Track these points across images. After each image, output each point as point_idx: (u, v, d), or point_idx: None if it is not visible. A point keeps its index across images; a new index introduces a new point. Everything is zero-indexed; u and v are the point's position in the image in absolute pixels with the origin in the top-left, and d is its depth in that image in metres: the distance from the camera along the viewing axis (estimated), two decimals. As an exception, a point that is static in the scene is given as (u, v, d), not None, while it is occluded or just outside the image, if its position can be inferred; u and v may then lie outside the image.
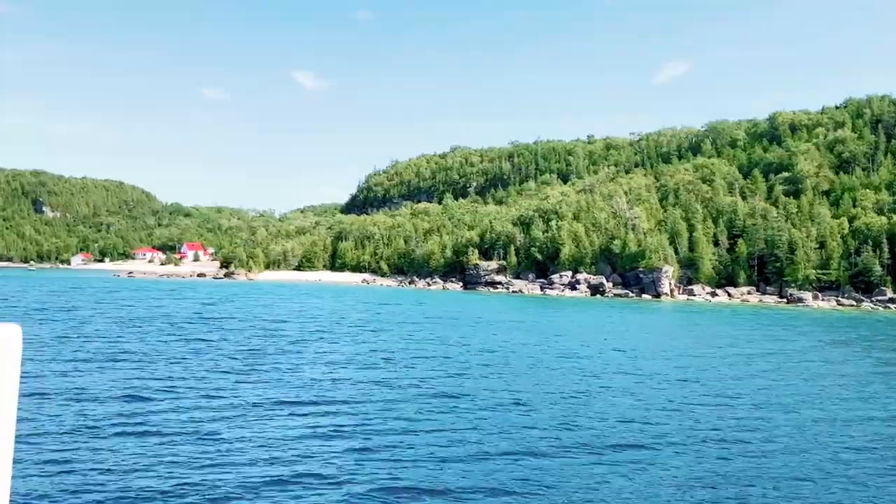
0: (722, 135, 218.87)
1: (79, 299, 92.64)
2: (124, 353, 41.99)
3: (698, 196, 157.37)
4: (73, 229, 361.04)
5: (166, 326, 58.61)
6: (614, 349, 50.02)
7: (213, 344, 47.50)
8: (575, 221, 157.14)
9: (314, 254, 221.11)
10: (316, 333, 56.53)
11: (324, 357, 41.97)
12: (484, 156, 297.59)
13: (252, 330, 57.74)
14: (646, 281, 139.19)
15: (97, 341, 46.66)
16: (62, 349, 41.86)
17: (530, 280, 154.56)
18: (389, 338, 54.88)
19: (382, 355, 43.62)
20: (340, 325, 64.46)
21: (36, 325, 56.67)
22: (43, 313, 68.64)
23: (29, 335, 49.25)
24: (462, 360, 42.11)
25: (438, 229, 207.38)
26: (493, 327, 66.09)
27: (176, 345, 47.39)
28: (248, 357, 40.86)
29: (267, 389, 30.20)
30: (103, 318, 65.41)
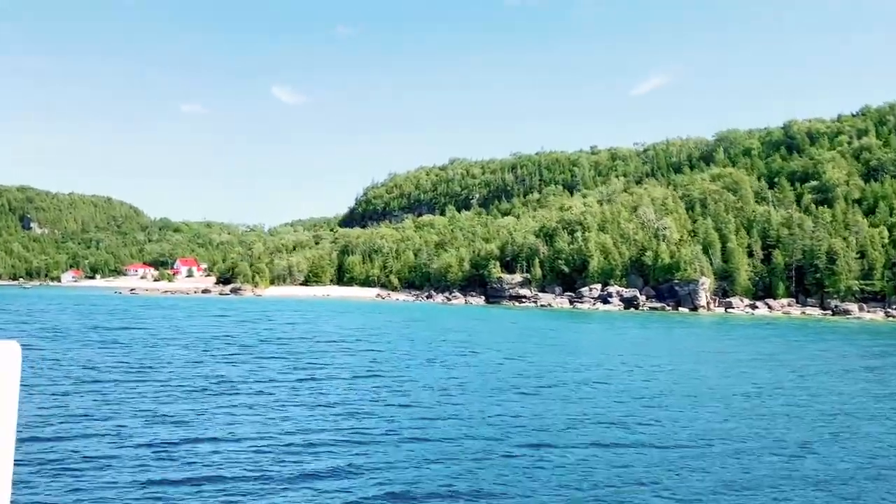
0: (734, 144, 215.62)
1: (123, 320, 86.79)
2: (246, 381, 37.75)
3: (727, 206, 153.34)
4: (62, 246, 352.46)
5: (246, 350, 54.06)
6: (706, 376, 45.44)
7: (331, 372, 42.78)
8: (600, 233, 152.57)
9: (321, 268, 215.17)
10: (429, 358, 51.80)
11: (501, 392, 37.32)
12: (485, 167, 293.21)
13: (348, 354, 52.98)
14: (681, 293, 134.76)
15: (210, 368, 42.07)
16: (193, 381, 37.44)
17: (557, 294, 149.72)
18: (507, 362, 50.22)
19: (537, 383, 39.14)
20: (444, 346, 59.73)
21: (127, 351, 51.40)
22: (105, 334, 63.12)
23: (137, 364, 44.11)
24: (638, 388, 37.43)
25: (450, 242, 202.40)
26: (588, 347, 61.42)
27: (290, 370, 42.97)
28: (407, 389, 36.26)
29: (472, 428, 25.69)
30: (179, 342, 60.29)
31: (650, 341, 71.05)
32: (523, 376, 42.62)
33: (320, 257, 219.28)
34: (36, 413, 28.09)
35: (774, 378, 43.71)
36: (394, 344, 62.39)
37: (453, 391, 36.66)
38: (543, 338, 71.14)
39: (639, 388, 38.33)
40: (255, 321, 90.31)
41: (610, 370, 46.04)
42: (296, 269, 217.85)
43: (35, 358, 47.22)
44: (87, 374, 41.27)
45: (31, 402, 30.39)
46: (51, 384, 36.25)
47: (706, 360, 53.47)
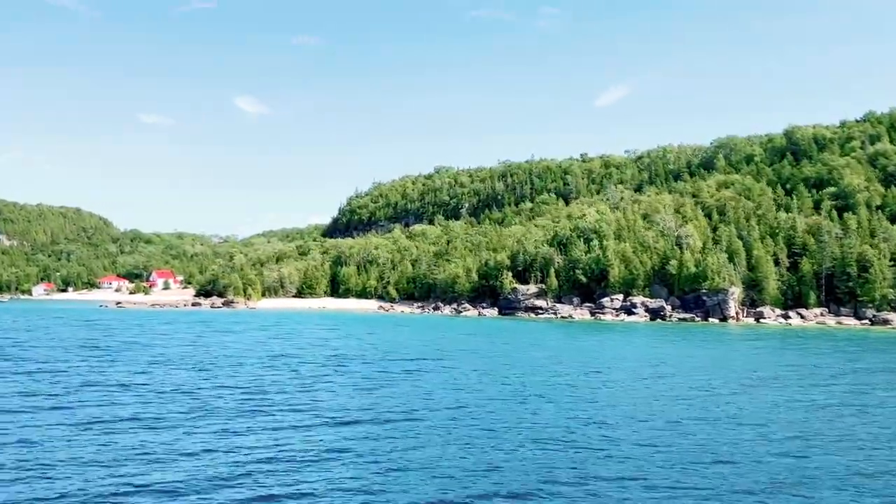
0: (735, 150, 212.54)
1: (157, 337, 79.03)
2: (413, 411, 31.82)
3: (747, 213, 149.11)
4: (32, 258, 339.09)
5: (350, 372, 47.98)
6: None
7: (486, 395, 36.86)
8: (618, 241, 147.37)
9: (315, 280, 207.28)
10: (574, 384, 45.65)
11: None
12: (473, 176, 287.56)
13: (438, 381, 46.61)
14: (709, 304, 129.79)
15: (340, 395, 36.09)
16: (347, 412, 31.48)
17: (575, 304, 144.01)
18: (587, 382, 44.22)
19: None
20: (566, 366, 53.52)
21: (217, 372, 44.57)
22: (161, 354, 55.90)
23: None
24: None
25: (449, 252, 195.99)
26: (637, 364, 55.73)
27: (429, 396, 37.12)
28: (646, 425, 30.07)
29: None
30: (255, 363, 53.43)
31: (730, 359, 65.57)
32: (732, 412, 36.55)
33: (314, 268, 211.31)
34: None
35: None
36: (505, 364, 56.30)
37: (686, 425, 30.61)
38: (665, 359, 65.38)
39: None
40: (287, 337, 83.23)
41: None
42: (287, 281, 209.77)
43: (157, 386, 40.48)
44: (211, 402, 34.84)
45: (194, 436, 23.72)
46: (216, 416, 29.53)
47: (805, 384, 48.04)
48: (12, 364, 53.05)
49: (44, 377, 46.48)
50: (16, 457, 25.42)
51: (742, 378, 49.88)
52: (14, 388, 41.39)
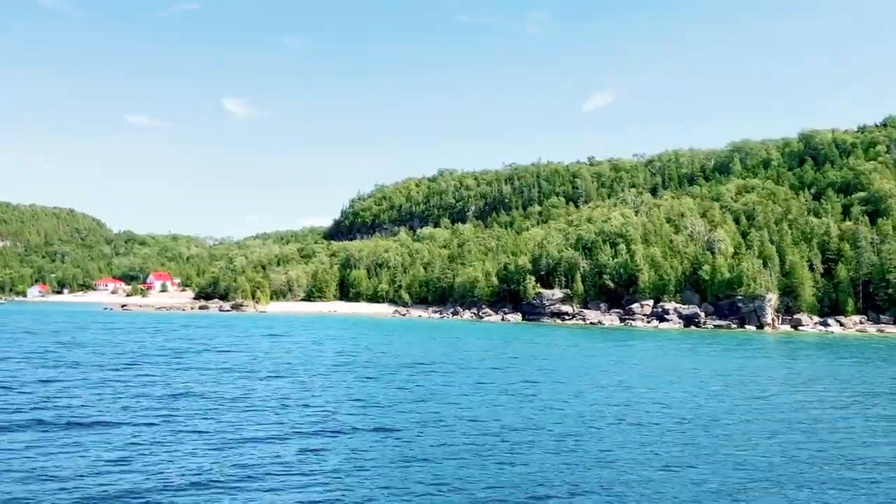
0: (751, 155, 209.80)
1: (197, 342, 74.43)
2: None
3: (776, 217, 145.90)
4: (26, 259, 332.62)
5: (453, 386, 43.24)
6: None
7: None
8: (645, 245, 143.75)
9: (324, 283, 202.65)
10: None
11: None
12: (479, 178, 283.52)
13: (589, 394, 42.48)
14: (745, 310, 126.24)
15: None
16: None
17: (603, 310, 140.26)
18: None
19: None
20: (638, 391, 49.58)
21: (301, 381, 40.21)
22: (224, 363, 51.52)
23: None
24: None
25: (462, 255, 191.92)
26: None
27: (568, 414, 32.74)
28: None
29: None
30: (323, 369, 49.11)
31: (821, 372, 61.78)
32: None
33: (323, 272, 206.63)
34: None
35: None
36: (617, 378, 52.18)
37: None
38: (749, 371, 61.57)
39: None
40: (324, 341, 78.92)
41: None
42: (295, 284, 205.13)
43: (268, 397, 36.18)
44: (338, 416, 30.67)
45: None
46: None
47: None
48: (113, 375, 48.64)
49: (160, 391, 42.20)
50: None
51: (858, 394, 46.11)
52: (146, 405, 37.06)
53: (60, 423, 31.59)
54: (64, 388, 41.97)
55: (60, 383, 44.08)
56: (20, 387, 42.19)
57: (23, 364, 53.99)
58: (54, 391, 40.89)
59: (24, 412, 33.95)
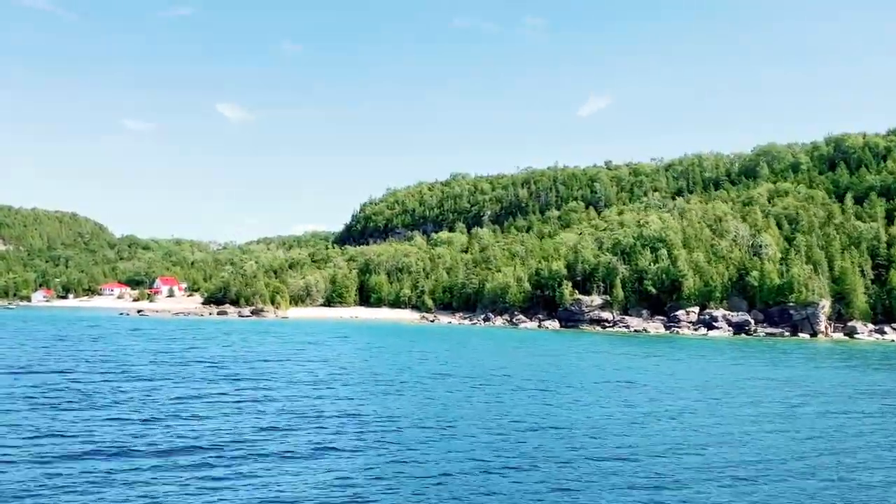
0: (778, 158, 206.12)
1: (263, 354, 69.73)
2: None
3: (820, 222, 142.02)
4: (29, 263, 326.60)
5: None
6: None
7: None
8: (687, 250, 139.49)
9: (345, 288, 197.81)
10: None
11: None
12: (494, 183, 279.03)
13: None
14: (797, 318, 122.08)
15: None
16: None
17: (645, 317, 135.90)
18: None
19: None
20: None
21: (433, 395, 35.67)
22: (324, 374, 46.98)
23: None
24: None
25: (487, 260, 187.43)
26: None
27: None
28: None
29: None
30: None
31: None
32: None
33: (343, 276, 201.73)
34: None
35: None
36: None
37: None
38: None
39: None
40: (393, 349, 74.28)
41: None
42: (314, 290, 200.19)
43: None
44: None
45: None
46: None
47: None
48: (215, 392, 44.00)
49: (291, 408, 37.59)
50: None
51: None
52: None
53: (239, 456, 27.02)
54: (189, 411, 37.27)
55: (181, 404, 39.39)
56: (137, 407, 37.53)
57: (105, 377, 49.27)
58: (185, 415, 36.19)
59: (181, 440, 29.31)
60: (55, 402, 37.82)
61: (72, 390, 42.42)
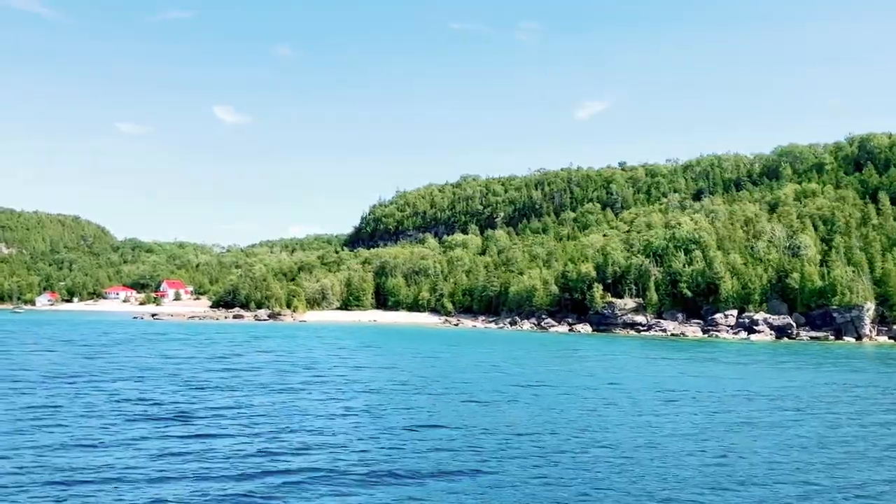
0: (801, 159, 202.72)
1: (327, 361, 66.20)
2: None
3: (857, 223, 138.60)
4: (33, 267, 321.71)
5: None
6: None
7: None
8: (722, 252, 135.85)
9: (362, 291, 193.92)
10: None
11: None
12: (506, 184, 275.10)
13: None
14: (840, 321, 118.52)
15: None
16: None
17: (680, 321, 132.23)
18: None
19: None
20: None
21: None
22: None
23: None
24: None
25: (508, 262, 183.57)
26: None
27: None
28: None
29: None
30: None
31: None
32: None
33: (360, 279, 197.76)
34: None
35: None
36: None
37: None
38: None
39: None
40: (444, 356, 70.62)
41: None
42: (330, 292, 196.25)
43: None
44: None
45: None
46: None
47: None
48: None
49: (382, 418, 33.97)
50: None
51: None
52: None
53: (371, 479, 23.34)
54: (279, 425, 33.57)
55: (263, 420, 35.69)
56: (232, 418, 33.81)
57: (168, 386, 45.54)
58: (285, 435, 32.48)
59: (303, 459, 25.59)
60: (179, 420, 34.18)
61: (187, 406, 38.75)
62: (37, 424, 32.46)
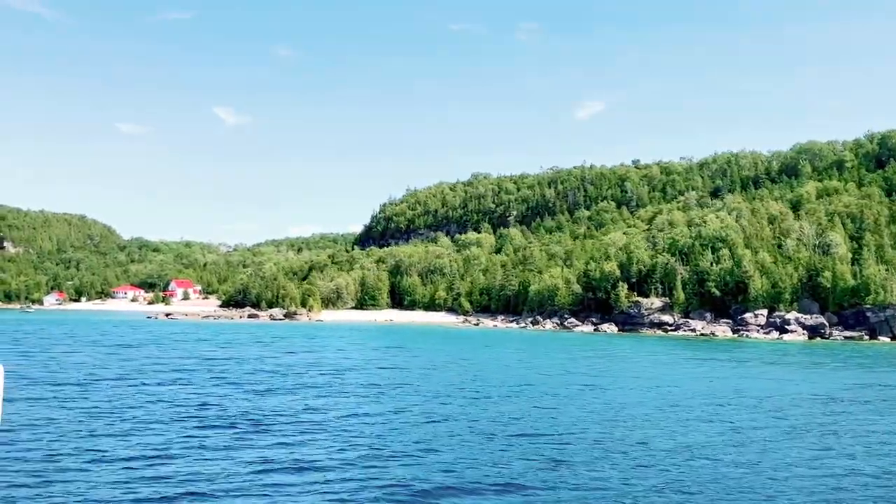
0: (820, 156, 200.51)
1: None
2: None
3: (886, 220, 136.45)
4: (40, 266, 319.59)
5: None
6: None
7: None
8: (750, 250, 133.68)
9: (377, 290, 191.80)
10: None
11: None
12: (519, 182, 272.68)
13: None
14: (874, 320, 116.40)
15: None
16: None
17: (709, 320, 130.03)
18: None
19: None
20: None
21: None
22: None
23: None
24: None
25: (523, 261, 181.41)
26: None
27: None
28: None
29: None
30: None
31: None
32: None
33: (375, 278, 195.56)
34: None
35: None
36: None
37: None
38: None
39: None
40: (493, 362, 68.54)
41: None
42: (344, 292, 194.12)
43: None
44: None
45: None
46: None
47: None
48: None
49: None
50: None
51: None
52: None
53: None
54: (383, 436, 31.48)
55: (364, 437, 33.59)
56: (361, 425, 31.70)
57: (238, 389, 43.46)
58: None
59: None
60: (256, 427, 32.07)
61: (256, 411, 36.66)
62: (111, 433, 30.38)
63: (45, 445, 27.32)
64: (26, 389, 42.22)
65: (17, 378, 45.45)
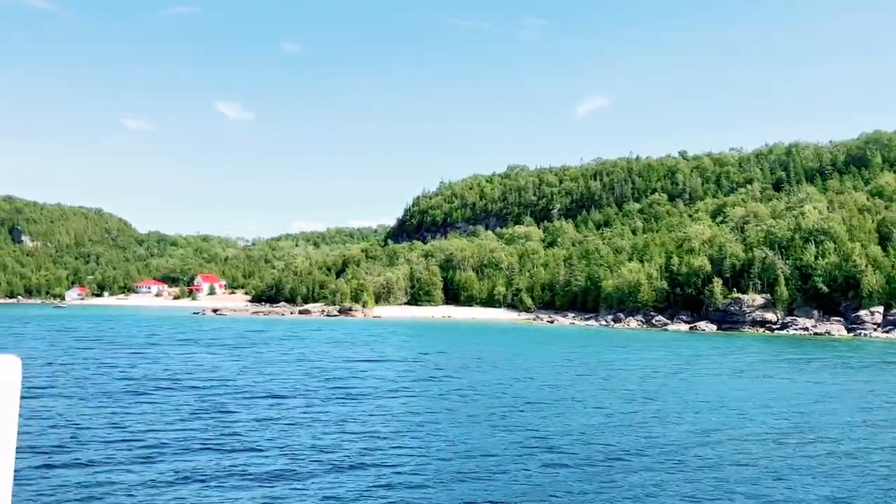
0: (889, 146, 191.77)
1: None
2: None
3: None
4: (59, 260, 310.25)
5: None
6: None
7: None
8: (856, 243, 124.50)
9: (432, 285, 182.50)
10: None
11: None
12: (561, 174, 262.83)
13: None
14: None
15: None
16: None
17: (817, 318, 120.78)
18: None
19: None
20: None
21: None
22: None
23: None
24: None
25: (585, 255, 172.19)
26: None
27: None
28: None
29: None
30: None
31: None
32: None
33: (430, 274, 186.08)
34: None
35: None
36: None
37: None
38: None
39: None
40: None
41: None
42: (396, 287, 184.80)
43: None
44: None
45: None
46: None
47: None
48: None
49: None
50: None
51: None
52: None
53: None
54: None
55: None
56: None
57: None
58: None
59: None
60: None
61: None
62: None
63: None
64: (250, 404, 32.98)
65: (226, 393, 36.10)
